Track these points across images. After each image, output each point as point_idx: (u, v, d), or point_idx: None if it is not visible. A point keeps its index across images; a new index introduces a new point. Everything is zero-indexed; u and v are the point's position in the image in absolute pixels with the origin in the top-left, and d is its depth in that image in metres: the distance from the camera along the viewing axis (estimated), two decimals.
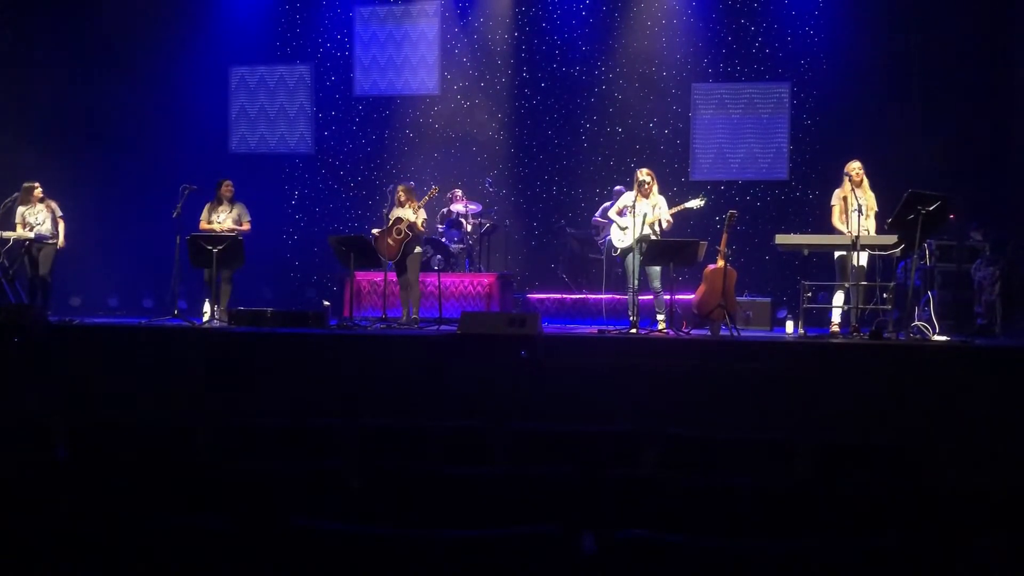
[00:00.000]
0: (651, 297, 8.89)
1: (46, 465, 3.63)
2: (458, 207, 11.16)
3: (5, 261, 9.47)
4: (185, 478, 3.46)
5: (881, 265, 8.29)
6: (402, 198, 9.31)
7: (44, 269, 9.54)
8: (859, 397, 6.35)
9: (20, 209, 9.55)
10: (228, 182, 9.60)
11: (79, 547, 2.62)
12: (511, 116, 12.56)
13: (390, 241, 9.16)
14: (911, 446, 4.25)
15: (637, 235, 8.48)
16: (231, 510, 3.13)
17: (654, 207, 8.65)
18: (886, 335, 7.58)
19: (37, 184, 9.65)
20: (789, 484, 3.35)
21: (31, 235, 9.48)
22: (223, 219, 9.44)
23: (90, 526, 2.67)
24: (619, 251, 8.82)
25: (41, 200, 9.63)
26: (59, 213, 9.70)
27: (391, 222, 9.21)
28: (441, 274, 10.01)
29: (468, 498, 3.22)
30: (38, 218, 9.56)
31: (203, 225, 9.45)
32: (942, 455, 4.09)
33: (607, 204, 11.50)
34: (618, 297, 9.43)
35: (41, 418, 4.72)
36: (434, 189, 9.80)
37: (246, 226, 9.48)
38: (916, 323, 7.88)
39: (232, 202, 9.56)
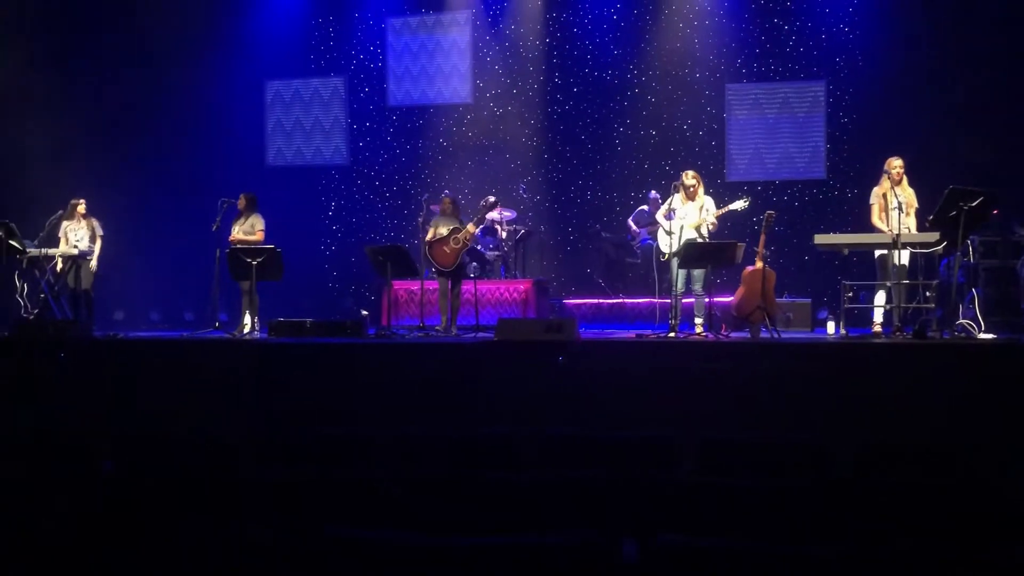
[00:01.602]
0: (691, 301, 8.82)
1: (92, 478, 3.69)
2: (493, 214, 11.17)
3: (51, 277, 9.67)
4: (228, 489, 3.49)
5: (923, 263, 8.15)
6: (448, 209, 9.32)
7: (85, 284, 9.72)
8: (903, 398, 6.25)
9: (64, 224, 9.79)
10: (243, 194, 9.70)
11: (124, 558, 2.66)
12: (544, 122, 12.56)
13: (446, 250, 9.14)
14: (957, 447, 4.17)
15: (680, 239, 8.40)
16: (272, 520, 3.15)
17: (701, 208, 8.58)
18: (930, 334, 7.45)
19: (82, 201, 9.86)
20: (832, 487, 3.29)
21: (75, 251, 9.67)
22: (236, 230, 9.56)
23: (135, 538, 2.71)
24: (666, 256, 8.69)
25: (84, 217, 9.83)
26: (99, 232, 9.88)
27: (449, 231, 9.16)
28: (477, 281, 10.02)
29: (507, 504, 3.22)
30: (78, 234, 9.76)
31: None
32: (988, 455, 4.00)
33: (643, 208, 11.47)
34: (658, 301, 9.38)
35: (87, 432, 4.80)
36: (490, 199, 9.84)
37: (258, 235, 9.52)
38: (961, 321, 7.74)
39: (248, 212, 9.64)
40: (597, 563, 2.42)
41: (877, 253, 8.19)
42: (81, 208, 9.83)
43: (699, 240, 8.50)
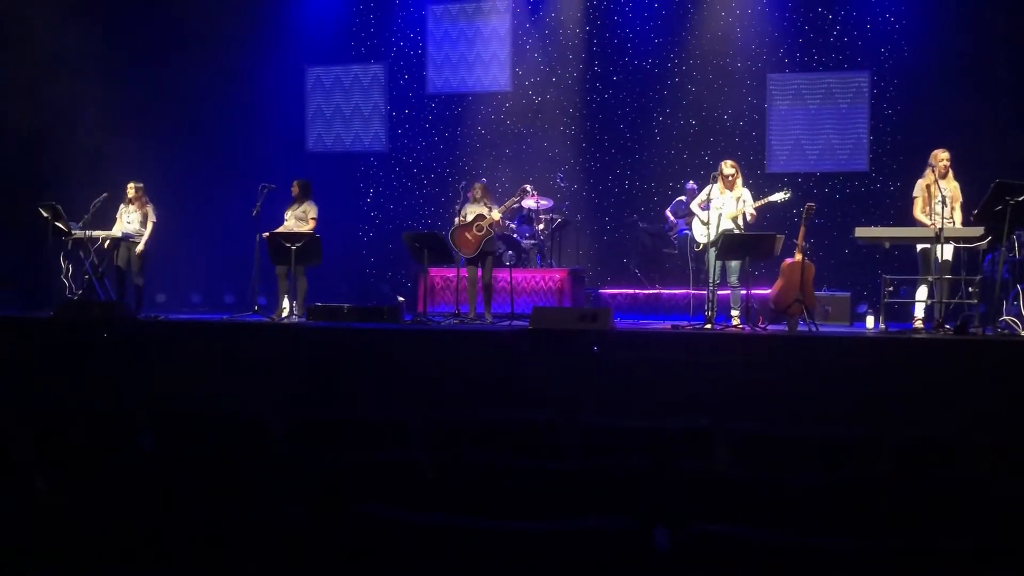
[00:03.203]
0: (728, 292, 8.77)
1: (133, 455, 3.76)
2: (529, 203, 11.17)
3: (95, 259, 9.83)
4: (264, 468, 3.54)
5: (966, 258, 8.01)
6: (478, 195, 9.37)
7: (133, 267, 9.87)
8: (943, 394, 6.16)
9: (120, 207, 9.98)
10: (297, 181, 9.78)
11: (163, 534, 2.71)
12: (583, 111, 12.51)
13: (469, 236, 9.20)
14: (998, 444, 4.10)
15: (718, 229, 8.34)
16: (308, 500, 3.20)
17: (738, 199, 8.51)
18: (972, 330, 7.33)
19: (133, 185, 9.99)
20: (868, 481, 3.27)
21: (118, 234, 9.81)
22: (288, 216, 9.64)
23: (174, 514, 2.76)
24: (700, 246, 8.68)
25: (135, 201, 9.93)
26: (152, 217, 10.00)
27: (473, 217, 9.23)
28: (513, 270, 10.03)
29: (540, 490, 3.23)
30: (130, 217, 9.92)
31: None
32: None
33: (681, 198, 11.40)
34: (694, 293, 9.33)
35: (128, 410, 4.89)
36: (524, 188, 9.92)
37: (310, 224, 9.59)
38: (1004, 318, 7.61)
39: (302, 199, 9.71)
40: (630, 550, 2.43)
41: (919, 247, 8.07)
42: (131, 192, 9.95)
43: (736, 231, 8.43)
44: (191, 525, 2.75)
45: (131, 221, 9.89)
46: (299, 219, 9.61)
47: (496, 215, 9.19)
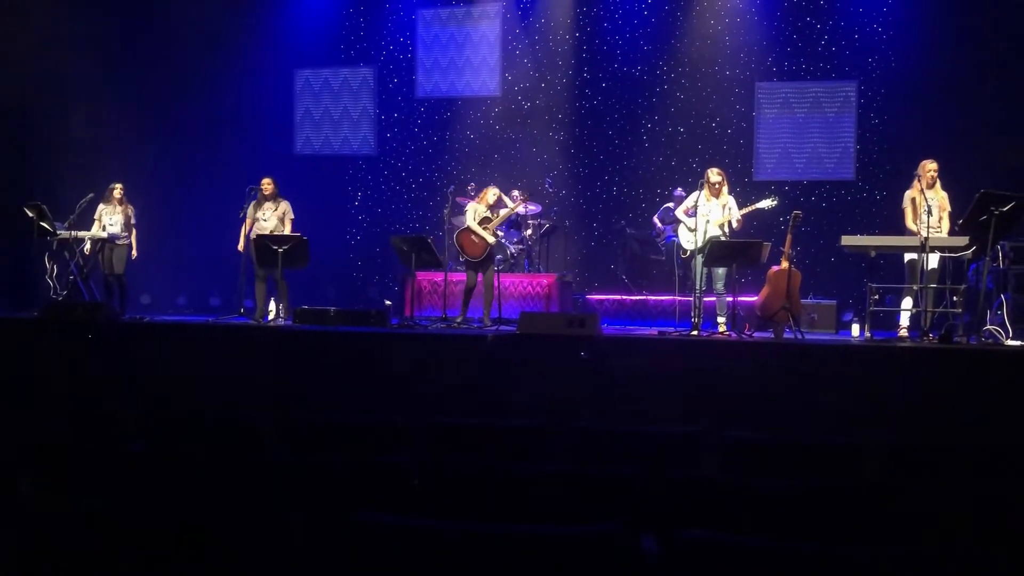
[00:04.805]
0: (714, 299, 8.81)
1: (122, 458, 3.74)
2: (518, 208, 11.17)
3: (80, 260, 9.77)
4: (252, 472, 3.53)
5: (951, 267, 8.08)
6: (490, 199, 9.33)
7: (119, 268, 9.81)
8: (928, 401, 6.21)
9: (100, 207, 9.87)
10: (269, 178, 9.59)
11: (152, 539, 2.69)
12: (571, 117, 12.53)
13: (475, 239, 9.17)
14: (982, 451, 4.14)
15: (704, 236, 8.39)
16: (296, 505, 3.19)
17: (724, 207, 8.57)
18: (956, 339, 7.38)
19: (118, 186, 9.92)
20: (855, 487, 3.28)
21: (104, 235, 9.75)
22: (268, 216, 9.50)
23: (162, 518, 2.74)
24: (687, 252, 8.75)
25: (120, 202, 9.87)
26: (133, 220, 9.93)
27: (480, 220, 9.20)
28: (500, 274, 10.03)
29: (529, 496, 3.23)
30: (112, 219, 9.83)
31: (248, 223, 9.44)
32: (1014, 461, 3.97)
33: (668, 205, 11.43)
34: (680, 299, 9.37)
35: (116, 412, 4.86)
36: (524, 196, 10.00)
37: (288, 226, 9.49)
38: (988, 327, 7.67)
39: (276, 198, 9.57)
40: (617, 556, 2.43)
41: (907, 256, 8.13)
42: (117, 192, 9.88)
43: (723, 238, 8.47)
44: (181, 527, 2.74)
45: (113, 223, 9.82)
46: (280, 220, 9.52)
47: (487, 214, 9.24)
